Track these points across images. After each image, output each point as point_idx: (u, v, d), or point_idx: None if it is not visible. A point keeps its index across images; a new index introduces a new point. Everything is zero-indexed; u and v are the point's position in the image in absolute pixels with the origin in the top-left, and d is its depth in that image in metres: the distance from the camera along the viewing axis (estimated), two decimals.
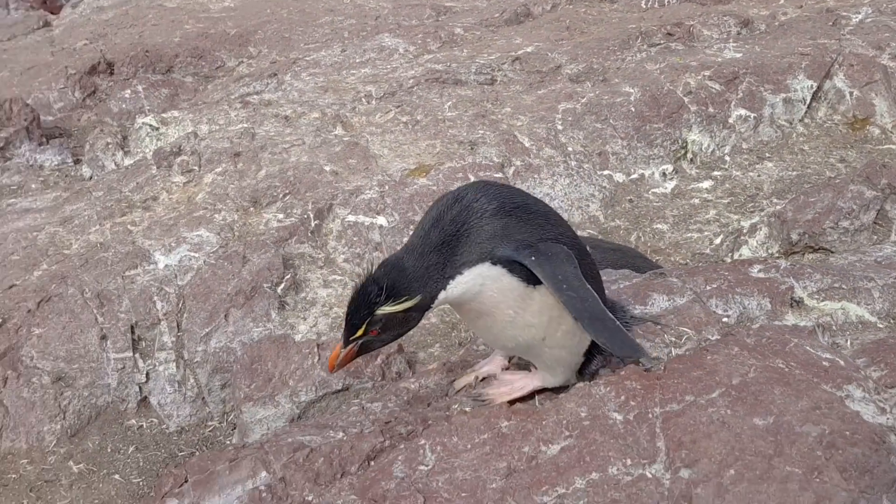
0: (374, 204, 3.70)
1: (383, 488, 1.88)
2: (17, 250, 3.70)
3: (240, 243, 3.56)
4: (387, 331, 2.00)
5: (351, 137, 4.17)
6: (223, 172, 3.96)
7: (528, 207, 2.04)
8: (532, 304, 1.99)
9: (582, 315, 1.93)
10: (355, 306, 1.96)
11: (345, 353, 2.03)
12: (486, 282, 1.96)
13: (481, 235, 1.95)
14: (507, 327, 2.06)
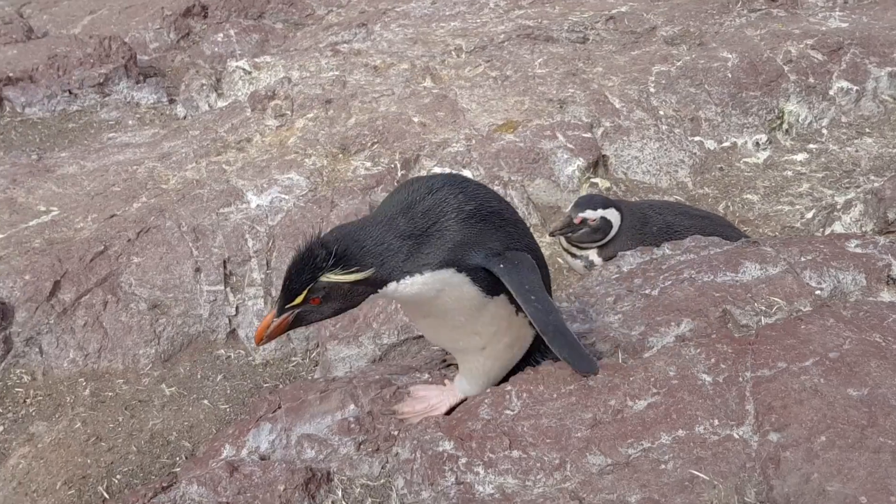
0: (461, 157, 3.73)
1: (469, 428, 1.94)
2: (118, 182, 3.86)
3: (328, 188, 3.65)
4: (328, 302, 1.81)
5: (440, 90, 4.18)
6: (314, 118, 4.03)
7: (501, 214, 1.92)
8: (485, 314, 1.91)
9: (547, 328, 1.86)
10: (297, 269, 1.78)
11: (278, 323, 1.83)
12: (446, 288, 1.83)
13: (454, 239, 1.81)
14: (453, 331, 1.96)
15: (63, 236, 3.54)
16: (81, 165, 4.09)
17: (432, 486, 1.86)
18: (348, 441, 2.11)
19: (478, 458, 1.86)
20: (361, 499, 2.00)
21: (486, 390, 2.08)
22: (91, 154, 4.20)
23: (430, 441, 1.93)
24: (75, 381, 3.11)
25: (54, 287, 3.22)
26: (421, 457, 1.91)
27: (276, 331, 1.84)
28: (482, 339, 1.98)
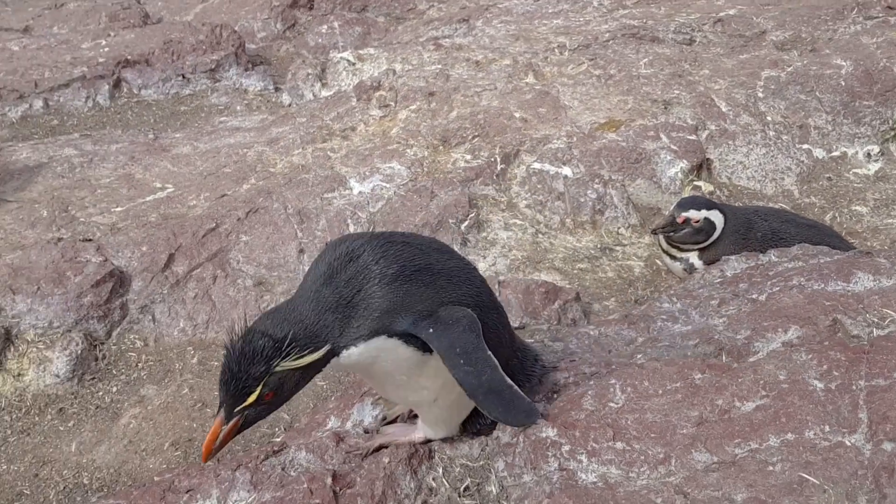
0: (561, 154, 3.75)
1: (573, 417, 1.97)
2: (229, 164, 4.03)
3: (428, 179, 3.72)
4: (280, 393, 1.73)
5: (542, 86, 4.21)
6: (417, 110, 4.12)
7: (430, 268, 1.85)
8: (427, 369, 1.87)
9: (476, 391, 1.80)
10: (244, 365, 1.67)
11: (227, 430, 1.71)
12: (381, 353, 1.80)
13: (380, 306, 1.76)
14: (399, 389, 1.95)
15: (177, 212, 3.72)
16: (195, 146, 4.29)
17: (535, 471, 1.89)
18: None
19: (581, 447, 1.89)
20: (461, 478, 2.05)
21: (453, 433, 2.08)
22: (203, 136, 4.40)
23: (533, 427, 1.97)
24: (184, 349, 3.26)
25: (169, 259, 3.39)
26: (524, 441, 1.95)
27: (226, 439, 1.73)
28: (431, 393, 1.94)
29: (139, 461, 2.79)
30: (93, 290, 3.23)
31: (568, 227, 3.56)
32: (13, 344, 3.12)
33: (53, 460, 2.82)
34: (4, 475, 2.77)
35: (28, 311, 3.17)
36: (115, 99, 5.27)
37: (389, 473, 2.01)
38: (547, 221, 3.56)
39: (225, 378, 1.69)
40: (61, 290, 3.21)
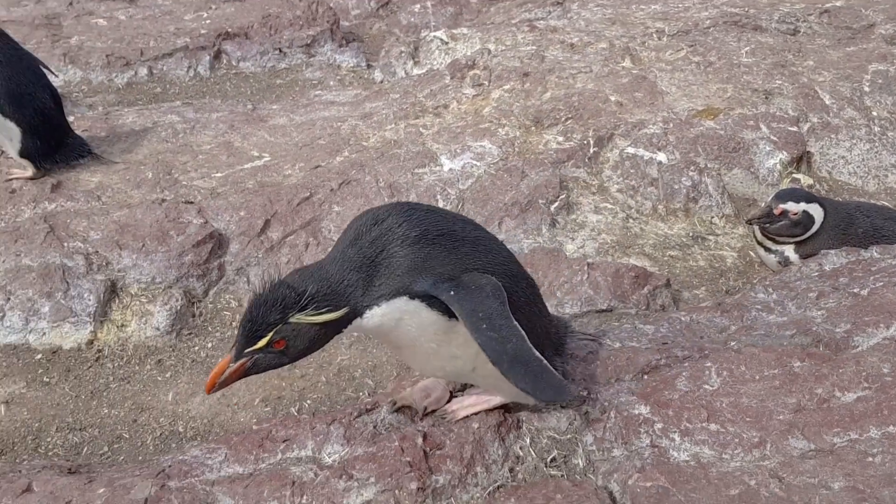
0: (657, 139, 3.70)
1: (666, 397, 1.97)
2: (324, 136, 4.13)
3: (519, 159, 3.73)
4: (292, 345, 1.75)
5: (639, 71, 4.16)
6: (510, 90, 4.12)
7: (453, 234, 1.84)
8: (456, 336, 1.83)
9: (500, 359, 1.74)
10: (262, 310, 1.71)
11: (234, 368, 1.75)
12: (404, 316, 1.79)
13: (400, 266, 1.77)
14: (430, 358, 1.89)
15: (273, 181, 3.84)
16: (290, 118, 4.40)
17: (625, 446, 1.90)
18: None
19: (674, 426, 1.89)
20: (548, 449, 2.07)
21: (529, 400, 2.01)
22: (299, 108, 4.51)
23: (626, 403, 1.98)
24: None
25: (265, 225, 3.51)
26: (615, 417, 1.96)
27: (232, 377, 1.76)
28: (466, 362, 1.90)
29: (231, 414, 2.90)
30: (193, 249, 3.37)
31: (660, 214, 3.52)
32: (118, 296, 3.28)
33: (151, 408, 2.96)
34: (106, 419, 2.92)
35: (133, 266, 3.33)
36: (214, 70, 5.45)
37: (478, 439, 2.04)
38: (638, 207, 3.53)
39: (243, 320, 1.74)
40: (164, 248, 3.36)
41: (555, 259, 3.13)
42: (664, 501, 1.71)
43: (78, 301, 3.20)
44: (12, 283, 3.23)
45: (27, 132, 3.70)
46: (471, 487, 1.96)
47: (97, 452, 2.79)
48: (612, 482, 1.85)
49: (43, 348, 3.13)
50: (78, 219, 3.51)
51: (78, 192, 3.76)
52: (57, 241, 3.38)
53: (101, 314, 3.21)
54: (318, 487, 1.96)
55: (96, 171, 3.94)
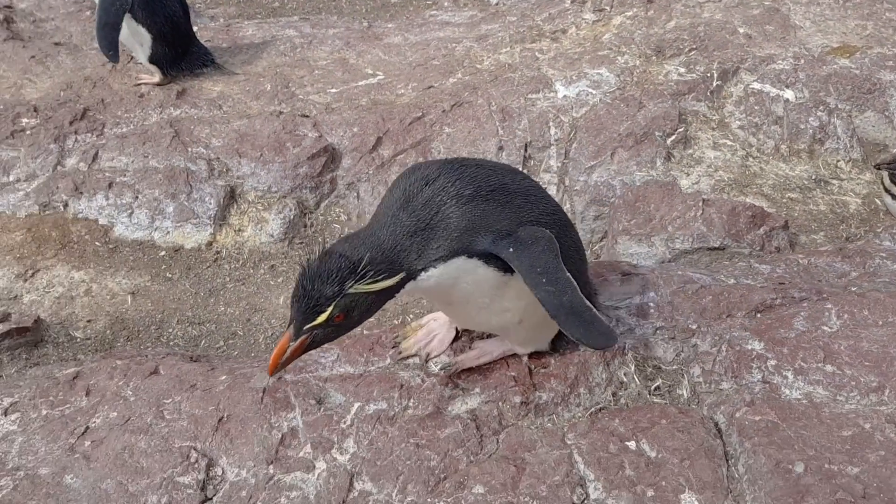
0: (785, 76, 3.52)
1: (781, 335, 1.93)
2: (438, 57, 4.11)
3: (637, 89, 3.62)
4: (351, 316, 1.72)
5: (771, 2, 3.93)
6: (633, 17, 3.98)
7: (505, 188, 1.81)
8: (509, 290, 1.82)
9: (558, 311, 1.73)
10: (317, 284, 1.66)
11: (295, 347, 1.71)
12: (461, 275, 1.77)
13: (458, 226, 1.74)
14: (480, 313, 1.87)
15: (386, 99, 3.87)
16: (405, 37, 4.39)
17: (735, 379, 1.89)
18: (646, 323, 2.18)
19: (788, 364, 1.85)
20: (652, 378, 2.08)
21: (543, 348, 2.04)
22: (414, 28, 4.49)
23: (738, 338, 1.95)
24: None
25: (377, 142, 3.56)
26: (726, 350, 1.94)
27: (293, 356, 1.73)
28: (515, 315, 1.90)
29: None
30: (308, 161, 3.46)
31: (782, 154, 3.37)
32: (236, 202, 3.42)
33: (263, 309, 3.11)
34: (222, 316, 3.09)
35: (251, 174, 3.46)
36: None
37: (583, 361, 2.06)
38: (760, 145, 3.39)
39: (298, 295, 1.69)
40: (281, 158, 3.46)
41: (668, 193, 3.06)
42: (773, 435, 1.69)
43: (200, 204, 3.36)
44: (140, 182, 3.41)
45: (157, 39, 3.84)
46: (573, 406, 1.99)
47: (213, 346, 2.97)
48: (719, 413, 1.84)
49: (166, 246, 3.32)
50: (201, 125, 3.65)
51: (201, 100, 3.89)
52: (182, 145, 3.54)
53: (221, 218, 3.36)
54: (425, 392, 2.03)
55: (218, 81, 4.07)
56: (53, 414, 2.25)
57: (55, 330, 2.98)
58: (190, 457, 1.96)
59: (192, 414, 2.07)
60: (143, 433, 2.06)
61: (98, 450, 2.07)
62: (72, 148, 3.64)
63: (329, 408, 2.03)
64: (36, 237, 3.33)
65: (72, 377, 2.39)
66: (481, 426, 1.93)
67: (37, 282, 3.17)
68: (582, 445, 1.78)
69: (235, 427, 2.01)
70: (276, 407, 2.04)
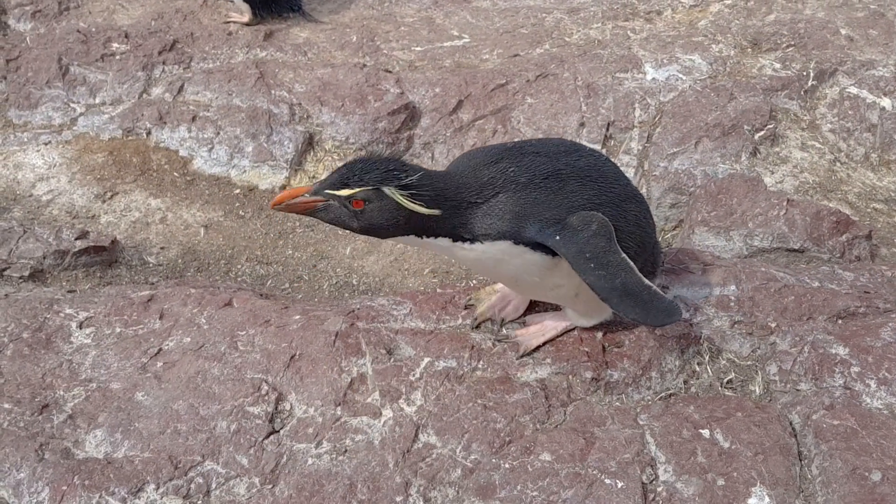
0: (884, 83, 3.40)
1: (868, 343, 1.88)
2: (527, 25, 4.06)
3: (729, 79, 3.54)
4: (366, 214, 1.75)
5: (878, 7, 3.80)
6: (732, 6, 3.88)
7: (559, 175, 1.83)
8: (559, 270, 1.83)
9: (610, 296, 1.73)
10: (365, 167, 1.73)
11: (306, 199, 1.75)
12: (506, 257, 1.81)
13: (510, 210, 1.79)
14: (534, 288, 1.89)
15: (470, 63, 3.84)
16: (494, 2, 4.35)
17: (815, 381, 1.85)
18: (724, 316, 2.15)
19: (872, 372, 1.82)
20: (726, 371, 2.05)
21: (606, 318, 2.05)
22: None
23: (822, 341, 1.91)
24: None
25: (457, 105, 3.54)
26: (809, 352, 1.90)
27: (298, 207, 1.78)
28: (569, 289, 1.91)
29: (401, 278, 3.03)
30: (388, 117, 3.46)
31: (871, 163, 3.28)
32: (313, 149, 3.44)
33: (330, 257, 3.14)
34: (290, 259, 3.13)
35: (330, 123, 3.47)
36: None
37: (658, 346, 2.05)
38: (849, 151, 3.30)
39: (342, 166, 1.76)
40: (362, 110, 3.47)
41: (752, 188, 2.99)
42: (851, 441, 1.66)
43: (278, 147, 3.39)
44: (222, 119, 3.45)
45: None
46: (643, 389, 1.98)
47: (279, 287, 3.01)
48: (794, 414, 1.82)
49: (242, 184, 3.36)
50: (285, 70, 3.67)
51: (287, 45, 3.91)
52: (266, 87, 3.56)
53: (297, 163, 3.39)
54: (495, 357, 2.04)
55: (305, 27, 4.08)
56: (127, 332, 2.31)
57: (129, 252, 3.05)
58: (261, 389, 2.00)
59: (265, 348, 2.11)
60: (217, 361, 2.10)
61: (170, 371, 2.12)
62: (158, 77, 3.69)
63: (399, 359, 2.05)
64: (117, 161, 3.40)
65: (146, 299, 2.45)
66: (550, 396, 1.93)
67: (115, 204, 3.24)
68: (655, 427, 1.77)
69: (306, 366, 2.05)
70: (347, 351, 2.07)
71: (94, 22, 4.00)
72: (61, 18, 4.04)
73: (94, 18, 4.04)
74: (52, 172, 3.34)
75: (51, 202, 3.22)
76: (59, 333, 2.33)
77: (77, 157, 3.41)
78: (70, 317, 2.41)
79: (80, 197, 3.24)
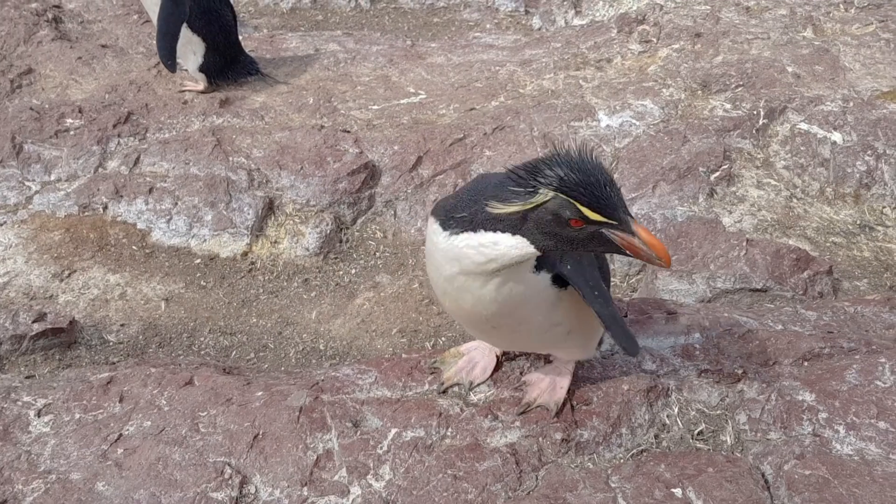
0: (833, 118, 3.48)
1: (833, 387, 1.88)
2: (481, 79, 4.11)
3: (682, 122, 3.60)
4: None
5: (821, 43, 3.90)
6: (680, 50, 3.96)
7: None
8: (562, 304, 1.83)
9: (610, 322, 1.79)
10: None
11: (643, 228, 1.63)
12: (535, 292, 1.77)
13: None
14: (533, 332, 1.87)
15: (427, 118, 3.87)
16: (448, 58, 4.40)
17: (784, 430, 1.84)
18: (690, 366, 2.15)
19: (840, 418, 1.81)
20: (696, 421, 2.04)
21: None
22: (458, 49, 4.50)
23: (789, 388, 1.91)
24: (418, 247, 3.43)
25: (416, 161, 3.55)
26: (776, 399, 1.90)
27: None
28: (565, 327, 1.90)
29: (368, 340, 3.00)
30: (348, 177, 3.46)
31: (827, 197, 3.33)
32: (274, 214, 3.42)
33: (295, 323, 3.10)
34: (254, 327, 3.08)
35: (290, 187, 3.46)
36: (374, 2, 5.50)
37: (627, 401, 2.03)
38: (804, 187, 3.35)
39: (607, 188, 1.62)
40: (321, 172, 3.46)
41: (711, 230, 3.02)
42: (824, 492, 1.65)
43: (238, 213, 3.36)
44: (180, 189, 3.42)
45: (210, 48, 3.86)
46: (614, 447, 1.95)
47: (244, 357, 2.96)
48: (766, 464, 1.80)
49: (202, 254, 3.32)
50: (242, 135, 3.67)
51: (243, 110, 3.91)
52: (223, 154, 3.55)
53: (258, 229, 3.36)
54: (464, 423, 2.00)
55: (261, 91, 4.09)
56: (86, 418, 2.25)
57: (88, 332, 2.98)
58: (224, 472, 1.95)
59: (227, 429, 2.06)
60: (178, 445, 2.05)
61: (131, 458, 2.06)
62: (114, 151, 3.67)
63: (365, 431, 2.01)
64: (74, 238, 3.34)
65: (105, 382, 2.39)
66: (521, 461, 1.89)
67: (73, 283, 3.18)
68: (627, 490, 1.75)
69: (270, 445, 1.99)
70: (312, 427, 2.02)
71: (48, 98, 3.98)
72: (13, 96, 4.01)
73: (48, 94, 4.02)
74: (8, 254, 3.27)
75: (7, 284, 3.15)
76: (16, 423, 2.26)
77: (33, 237, 3.35)
78: (28, 405, 2.34)
79: (37, 277, 3.18)
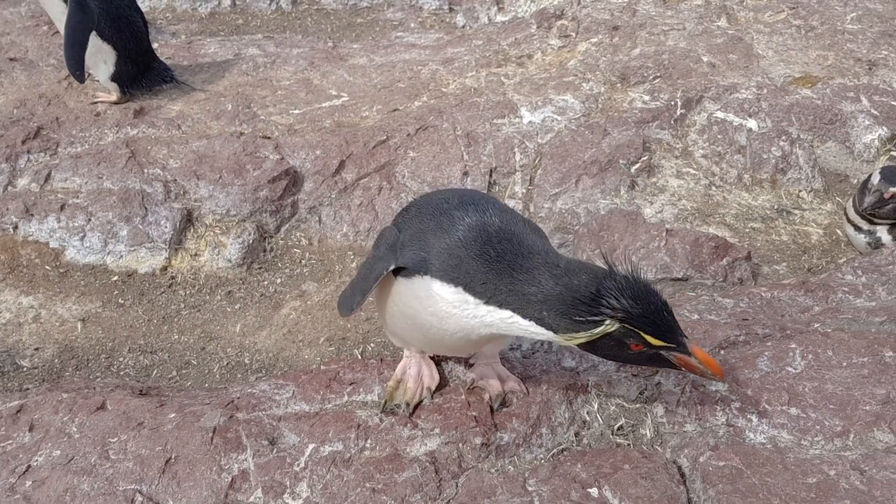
0: (748, 105, 3.54)
1: (746, 376, 1.90)
2: (403, 79, 4.07)
3: (602, 116, 3.61)
4: None
5: (735, 31, 3.96)
6: (598, 44, 3.98)
7: None
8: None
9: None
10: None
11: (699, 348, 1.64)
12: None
13: None
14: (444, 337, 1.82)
15: (350, 121, 3.81)
16: (370, 59, 4.35)
17: (699, 422, 1.85)
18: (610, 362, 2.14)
19: (752, 407, 1.82)
20: (616, 416, 2.04)
21: None
22: (380, 49, 4.45)
23: (702, 379, 1.92)
24: (344, 253, 3.38)
25: (339, 166, 3.49)
26: (691, 391, 1.91)
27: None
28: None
29: (296, 350, 2.94)
30: (269, 185, 3.38)
31: (745, 183, 3.38)
32: (193, 226, 3.33)
33: (219, 337, 3.02)
34: (176, 344, 2.99)
35: (209, 197, 3.37)
36: (296, 4, 5.41)
37: (546, 400, 2.02)
38: (723, 174, 3.40)
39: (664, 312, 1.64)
40: (241, 181, 3.38)
41: (632, 222, 3.04)
42: (737, 483, 1.66)
43: (155, 227, 3.26)
44: (93, 204, 3.30)
45: (122, 56, 3.74)
46: (535, 448, 1.94)
47: (166, 376, 2.87)
48: (682, 457, 1.81)
49: (119, 271, 3.21)
50: (158, 146, 3.56)
51: (159, 120, 3.80)
52: (137, 166, 3.44)
53: (177, 242, 3.26)
54: (383, 433, 1.97)
55: (177, 100, 3.98)
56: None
57: (1, 358, 2.86)
58: (135, 500, 1.87)
59: (137, 454, 1.98)
60: (87, 474, 1.96)
61: (39, 490, 1.97)
62: (24, 168, 3.52)
63: (282, 449, 1.96)
64: None
65: (15, 411, 2.29)
66: (440, 469, 1.86)
67: None
68: (543, 493, 1.73)
69: (183, 469, 1.93)
70: (226, 447, 1.96)
71: None
72: None
73: None
74: None
75: None
76: None
77: None
78: None
79: None
